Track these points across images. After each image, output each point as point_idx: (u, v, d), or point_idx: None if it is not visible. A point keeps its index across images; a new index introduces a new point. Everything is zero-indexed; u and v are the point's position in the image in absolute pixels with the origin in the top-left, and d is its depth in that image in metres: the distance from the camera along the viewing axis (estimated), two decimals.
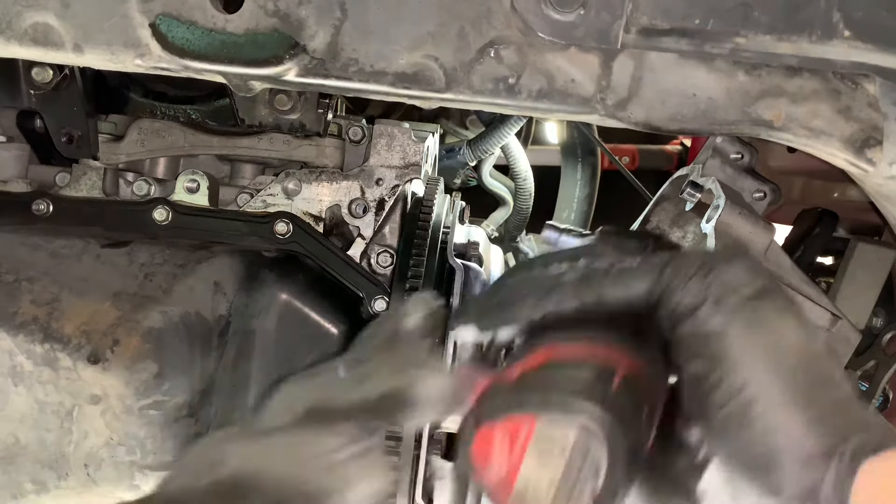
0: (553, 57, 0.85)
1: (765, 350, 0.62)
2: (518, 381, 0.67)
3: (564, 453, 0.62)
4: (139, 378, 0.98)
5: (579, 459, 0.62)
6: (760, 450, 0.61)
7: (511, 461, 0.63)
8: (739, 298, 0.64)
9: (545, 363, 0.67)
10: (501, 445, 0.63)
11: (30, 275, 1.03)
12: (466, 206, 1.32)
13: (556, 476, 0.62)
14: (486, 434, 0.64)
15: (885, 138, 0.84)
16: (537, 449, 0.62)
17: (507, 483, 0.63)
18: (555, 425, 0.62)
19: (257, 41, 0.84)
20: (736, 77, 0.85)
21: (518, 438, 0.63)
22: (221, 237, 1.15)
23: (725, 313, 0.63)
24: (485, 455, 0.64)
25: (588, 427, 0.62)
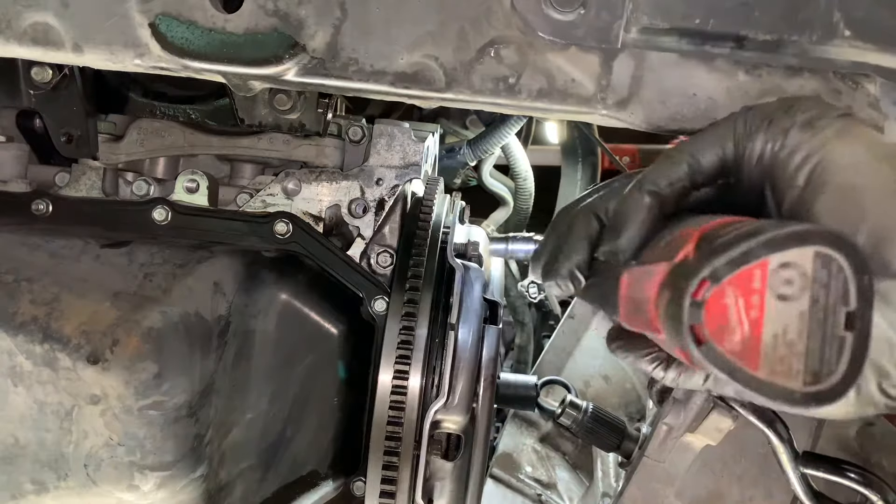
0: (553, 56, 0.85)
1: (859, 148, 0.64)
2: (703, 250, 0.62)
3: (807, 283, 0.59)
4: (139, 378, 0.97)
5: (824, 286, 0.59)
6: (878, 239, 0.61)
7: (751, 315, 0.59)
8: (825, 116, 0.66)
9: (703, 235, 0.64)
10: (737, 303, 0.59)
11: (29, 275, 1.03)
12: (466, 206, 1.32)
13: (805, 307, 0.59)
14: (715, 300, 0.59)
15: (885, 138, 0.84)
16: (776, 291, 0.59)
17: (754, 339, 0.60)
18: (789, 259, 0.59)
19: (257, 41, 0.84)
20: (736, 77, 0.85)
21: (752, 290, 0.59)
22: (221, 237, 1.14)
23: (816, 131, 0.65)
24: (721, 323, 0.60)
25: (822, 250, 0.59)
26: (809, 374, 0.60)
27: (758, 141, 0.68)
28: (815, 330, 0.60)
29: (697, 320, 0.59)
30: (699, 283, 0.59)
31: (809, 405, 0.60)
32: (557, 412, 1.34)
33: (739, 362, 0.60)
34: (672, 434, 1.04)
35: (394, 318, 1.11)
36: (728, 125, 0.71)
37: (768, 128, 0.68)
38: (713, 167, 0.71)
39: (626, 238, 0.71)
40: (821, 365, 0.60)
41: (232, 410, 1.12)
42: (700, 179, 0.72)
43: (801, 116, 0.67)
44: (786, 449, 0.92)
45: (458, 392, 1.09)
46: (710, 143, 0.71)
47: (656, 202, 0.71)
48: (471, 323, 1.11)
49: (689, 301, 0.59)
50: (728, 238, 0.60)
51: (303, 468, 1.19)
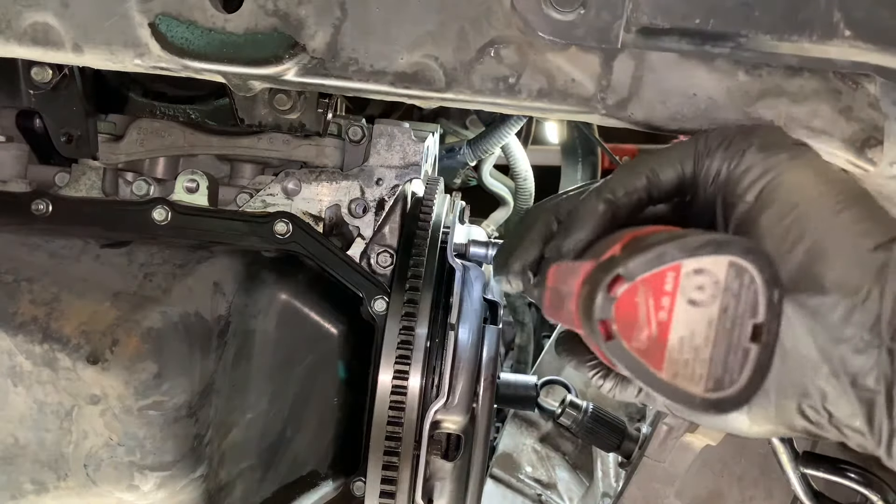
0: (553, 56, 0.85)
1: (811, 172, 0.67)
2: (627, 251, 0.63)
3: (718, 291, 0.60)
4: (138, 378, 0.97)
5: (735, 296, 0.60)
6: (812, 256, 0.63)
7: (660, 316, 0.60)
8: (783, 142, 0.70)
9: (633, 238, 0.65)
10: (647, 303, 0.60)
11: (29, 275, 1.03)
12: (466, 206, 1.32)
13: (714, 315, 0.60)
14: (626, 297, 0.60)
15: (885, 138, 0.84)
16: (688, 296, 0.60)
17: (661, 339, 0.61)
18: (703, 265, 0.60)
19: (257, 41, 0.84)
20: (736, 77, 0.85)
21: (664, 291, 0.60)
22: (221, 237, 1.14)
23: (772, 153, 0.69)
24: (630, 320, 0.61)
25: (737, 261, 0.60)
26: (712, 380, 0.61)
27: (715, 160, 0.71)
28: (722, 338, 0.61)
29: (608, 315, 0.60)
30: (613, 279, 0.60)
31: (709, 411, 0.61)
32: (557, 412, 1.34)
33: (644, 361, 0.61)
34: (672, 434, 1.04)
35: (394, 318, 1.11)
36: (689, 144, 0.73)
37: (727, 148, 0.71)
38: (671, 183, 0.73)
39: (573, 240, 0.72)
40: (724, 373, 0.61)
41: (232, 410, 1.12)
42: (656, 194, 0.73)
43: (758, 140, 0.70)
44: (786, 449, 0.92)
45: (458, 392, 1.09)
46: (670, 160, 0.73)
47: (609, 210, 0.72)
48: (471, 323, 1.11)
49: (602, 296, 0.60)
50: (650, 240, 0.61)
51: (303, 468, 1.19)
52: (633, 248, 0.62)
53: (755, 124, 0.78)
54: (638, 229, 0.68)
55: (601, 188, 0.74)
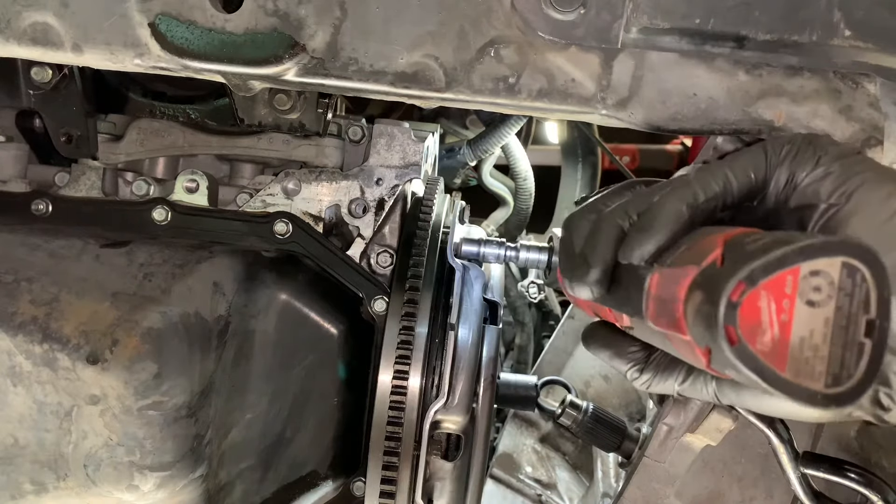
0: (553, 56, 0.85)
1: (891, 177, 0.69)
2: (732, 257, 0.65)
3: (834, 291, 0.63)
4: (138, 378, 0.97)
5: (848, 295, 0.63)
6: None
7: (782, 318, 0.63)
8: (851, 150, 0.72)
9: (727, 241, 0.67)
10: (769, 306, 0.63)
11: (29, 275, 1.03)
12: (466, 206, 1.31)
13: (830, 313, 0.63)
14: (749, 302, 0.62)
15: (885, 138, 0.84)
16: (806, 297, 0.63)
17: (783, 341, 0.63)
18: (819, 267, 0.62)
19: (257, 41, 0.84)
20: (736, 77, 0.85)
21: (784, 294, 0.63)
22: (221, 237, 1.14)
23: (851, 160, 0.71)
24: (753, 324, 0.63)
25: (849, 261, 0.63)
26: (830, 376, 0.63)
27: (785, 167, 0.73)
28: (838, 335, 0.63)
29: (732, 321, 0.62)
30: (736, 284, 0.62)
31: (829, 406, 0.63)
32: (557, 412, 1.34)
33: (768, 363, 0.63)
34: (672, 434, 1.04)
35: (394, 318, 1.10)
36: (759, 152, 0.75)
37: (796, 156, 0.73)
38: (743, 189, 0.75)
39: (654, 242, 0.73)
40: (841, 369, 0.63)
41: (232, 410, 1.11)
42: (730, 200, 0.75)
43: (831, 148, 0.73)
44: (786, 449, 0.92)
45: (457, 392, 1.09)
46: (743, 167, 0.75)
47: (691, 214, 0.73)
48: (471, 323, 1.11)
49: (726, 302, 0.62)
50: (762, 243, 0.63)
51: (302, 468, 1.19)
52: (744, 252, 0.64)
53: (815, 134, 0.80)
54: (725, 231, 0.70)
55: (683, 191, 0.74)
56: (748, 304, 0.62)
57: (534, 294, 2.03)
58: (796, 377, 0.63)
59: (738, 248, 0.65)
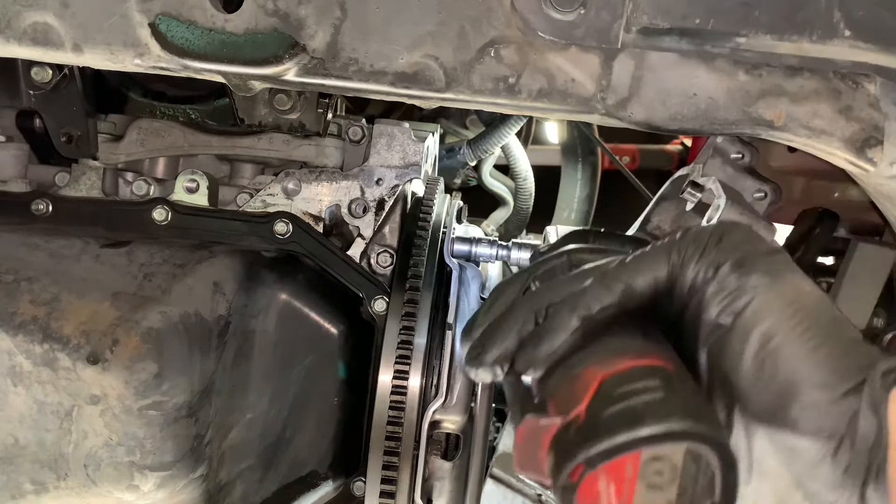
0: (553, 56, 0.85)
1: (785, 299, 0.66)
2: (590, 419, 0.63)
3: (676, 477, 0.62)
4: (138, 378, 0.97)
5: (692, 478, 0.62)
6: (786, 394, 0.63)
7: (622, 500, 0.62)
8: (757, 256, 0.67)
9: (600, 387, 0.65)
10: (608, 489, 0.62)
11: (29, 275, 1.03)
12: (464, 206, 1.32)
13: (672, 497, 0.62)
14: (588, 485, 0.61)
15: (885, 138, 0.84)
16: (646, 482, 0.62)
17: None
18: (661, 453, 0.61)
19: (257, 41, 0.84)
20: (736, 77, 0.85)
21: (624, 478, 0.62)
22: (221, 237, 1.14)
23: (745, 272, 0.67)
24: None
25: (694, 448, 0.61)
26: None
27: (688, 272, 0.70)
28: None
29: (569, 501, 0.62)
30: (575, 466, 0.62)
31: None
32: None
33: None
34: None
35: (394, 318, 1.11)
36: (662, 253, 0.72)
37: (699, 259, 0.69)
38: (646, 294, 0.72)
39: (544, 353, 0.71)
40: None
41: (232, 410, 1.11)
42: (632, 305, 0.72)
43: (732, 255, 0.68)
44: None
45: (455, 392, 1.09)
46: (644, 271, 0.72)
47: (582, 325, 0.71)
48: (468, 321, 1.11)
49: (565, 482, 0.62)
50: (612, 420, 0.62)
51: (302, 468, 1.19)
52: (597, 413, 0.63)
53: (729, 223, 0.76)
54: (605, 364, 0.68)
55: (576, 300, 0.72)
56: (586, 485, 0.62)
57: None
58: None
59: (602, 405, 0.64)
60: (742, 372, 0.66)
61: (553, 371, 0.71)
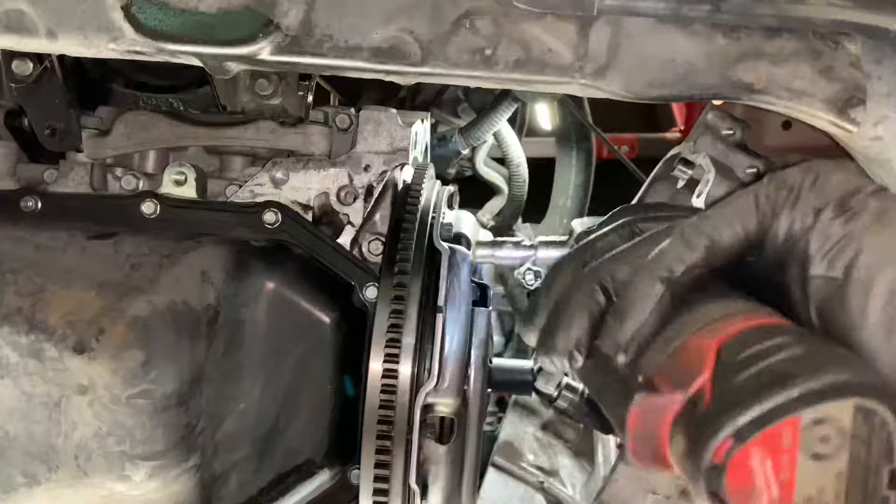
0: (529, 26, 0.84)
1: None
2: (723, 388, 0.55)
3: (845, 442, 0.54)
4: (126, 367, 0.97)
5: (864, 440, 0.54)
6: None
7: (781, 477, 0.53)
8: (861, 197, 0.62)
9: (720, 353, 0.57)
10: (763, 465, 0.53)
11: (14, 266, 1.03)
12: (455, 192, 1.31)
13: (843, 467, 0.54)
14: (738, 462, 0.53)
15: (868, 98, 0.83)
16: (810, 451, 0.54)
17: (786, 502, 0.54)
18: (825, 414, 0.53)
19: (230, 20, 0.84)
20: (715, 40, 0.84)
21: (781, 449, 0.53)
22: (210, 229, 1.14)
23: (851, 216, 0.60)
24: (745, 488, 0.53)
25: (863, 404, 0.53)
26: None
27: (783, 219, 0.63)
28: (855, 491, 0.54)
29: (718, 486, 0.53)
30: (721, 441, 0.53)
31: None
32: (554, 395, 1.33)
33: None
34: None
35: (384, 305, 1.10)
36: (749, 199, 0.65)
37: (795, 204, 0.63)
38: (734, 247, 0.65)
39: (629, 330, 0.64)
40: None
41: (224, 400, 1.11)
42: (718, 262, 0.65)
43: (832, 194, 0.62)
44: None
45: (447, 374, 1.08)
46: (729, 221, 0.65)
47: (668, 290, 0.64)
48: (458, 305, 1.10)
49: (709, 464, 0.53)
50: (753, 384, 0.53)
51: (298, 457, 1.18)
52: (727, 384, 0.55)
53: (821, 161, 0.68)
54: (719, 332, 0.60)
55: (654, 264, 0.65)
56: (737, 464, 0.53)
57: (530, 281, 2.01)
58: None
59: (730, 372, 0.55)
60: (868, 329, 0.58)
61: (646, 348, 0.64)
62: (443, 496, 1.12)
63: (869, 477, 0.54)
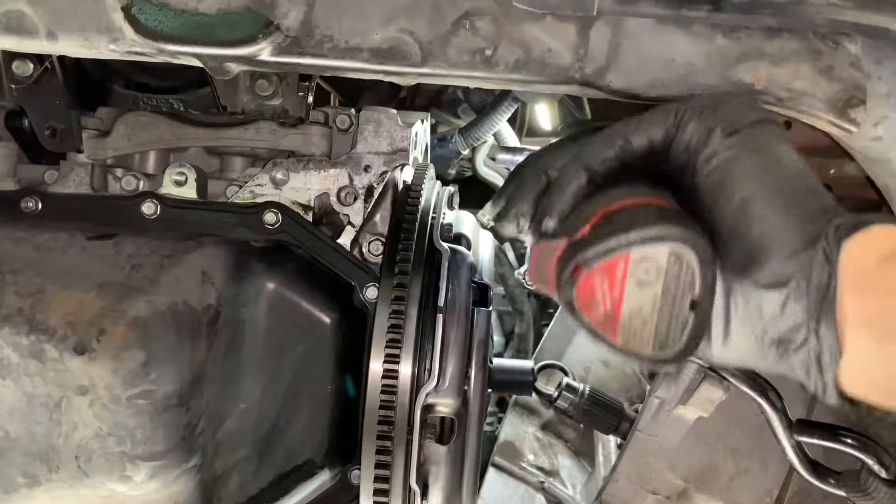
0: (529, 27, 0.84)
1: (763, 166, 0.73)
2: (592, 233, 0.74)
3: (661, 274, 0.72)
4: (126, 367, 0.97)
5: (675, 275, 0.71)
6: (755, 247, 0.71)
7: (613, 295, 0.73)
8: (743, 126, 0.75)
9: (602, 216, 0.75)
10: (602, 285, 0.73)
11: (14, 267, 1.02)
12: (455, 192, 1.31)
13: (658, 293, 0.72)
14: (585, 281, 0.73)
15: (868, 98, 0.83)
16: (636, 279, 0.72)
17: (614, 314, 0.73)
18: (647, 254, 0.71)
19: (230, 21, 0.84)
20: (715, 40, 0.84)
21: (616, 275, 0.72)
22: (210, 229, 1.14)
23: (732, 142, 0.74)
24: (588, 299, 0.73)
25: (676, 250, 0.70)
26: (657, 343, 0.73)
27: (686, 133, 0.77)
28: (665, 310, 0.72)
29: (570, 297, 0.74)
30: (575, 266, 0.73)
31: (657, 366, 0.78)
32: (554, 395, 1.34)
33: (601, 331, 0.74)
34: (664, 407, 1.03)
35: (384, 305, 1.10)
36: (661, 114, 0.79)
37: (696, 121, 0.76)
38: (642, 150, 0.79)
39: (558, 208, 0.81)
40: (667, 338, 0.73)
41: (224, 400, 1.11)
42: (629, 160, 0.80)
43: (725, 119, 0.75)
44: (779, 418, 0.91)
45: (448, 375, 1.08)
46: (642, 129, 0.79)
47: (588, 177, 0.80)
48: (459, 305, 1.10)
49: (566, 281, 0.73)
50: (605, 229, 0.73)
51: (298, 457, 1.18)
52: (598, 231, 0.74)
53: (728, 94, 0.83)
54: (609, 203, 0.77)
55: (580, 156, 0.81)
56: (584, 283, 0.73)
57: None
58: (627, 344, 0.74)
59: (602, 227, 0.74)
60: (725, 227, 0.73)
61: (566, 217, 0.81)
62: (443, 496, 1.12)
63: (676, 301, 0.72)
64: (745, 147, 0.74)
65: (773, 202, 0.71)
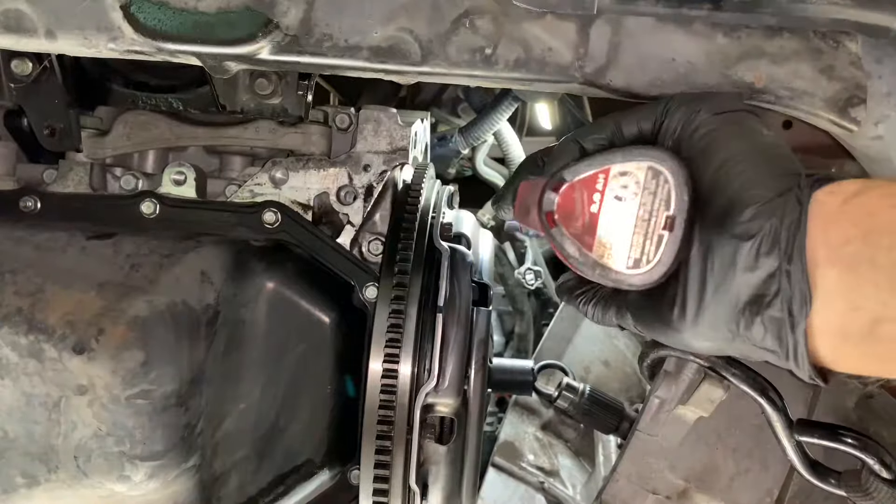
0: (529, 25, 0.84)
1: (743, 133, 0.78)
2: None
3: (639, 189, 0.75)
4: (125, 367, 0.97)
5: (652, 191, 0.75)
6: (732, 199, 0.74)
7: (592, 208, 0.77)
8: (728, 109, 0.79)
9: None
10: (582, 198, 0.77)
11: (13, 267, 1.02)
12: (455, 191, 1.31)
13: (635, 208, 0.75)
14: (566, 193, 0.77)
15: (868, 97, 0.83)
16: (614, 192, 0.76)
17: (592, 227, 0.77)
18: (627, 169, 0.75)
19: (229, 20, 0.84)
20: (715, 39, 0.84)
21: (596, 189, 0.76)
22: (210, 228, 1.14)
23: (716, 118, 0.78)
24: (568, 212, 0.77)
25: (654, 165, 0.75)
26: (632, 259, 0.76)
27: (673, 120, 0.81)
28: (641, 227, 0.75)
29: (552, 208, 0.78)
30: (558, 180, 0.78)
31: (631, 285, 0.77)
32: (554, 395, 1.33)
33: (578, 243, 0.77)
34: (664, 407, 1.02)
35: (383, 304, 1.10)
36: (653, 106, 0.83)
37: (684, 109, 0.80)
38: (632, 138, 0.84)
39: (550, 169, 0.86)
40: (641, 254, 0.76)
41: (224, 400, 1.11)
42: (619, 143, 0.84)
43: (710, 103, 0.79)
44: (779, 417, 0.91)
45: (447, 374, 1.08)
46: (634, 119, 0.83)
47: (578, 150, 0.85)
48: (458, 305, 1.10)
49: (548, 193, 0.78)
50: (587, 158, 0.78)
51: (297, 457, 1.18)
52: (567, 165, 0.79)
53: (715, 92, 0.87)
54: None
55: (575, 134, 0.87)
56: (565, 195, 0.77)
57: (531, 281, 2.01)
58: (601, 258, 0.77)
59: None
60: (706, 186, 0.76)
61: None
62: (443, 496, 1.12)
63: (651, 218, 0.75)
64: (727, 121, 0.78)
65: (752, 161, 0.75)
